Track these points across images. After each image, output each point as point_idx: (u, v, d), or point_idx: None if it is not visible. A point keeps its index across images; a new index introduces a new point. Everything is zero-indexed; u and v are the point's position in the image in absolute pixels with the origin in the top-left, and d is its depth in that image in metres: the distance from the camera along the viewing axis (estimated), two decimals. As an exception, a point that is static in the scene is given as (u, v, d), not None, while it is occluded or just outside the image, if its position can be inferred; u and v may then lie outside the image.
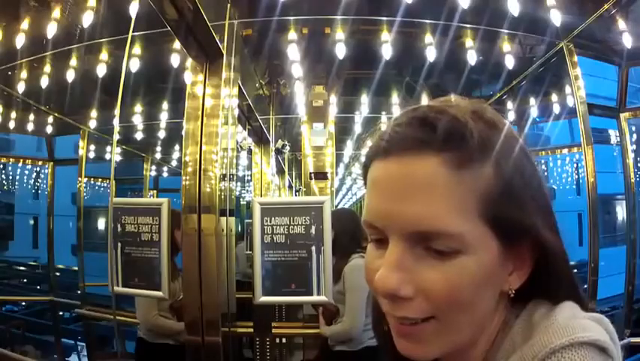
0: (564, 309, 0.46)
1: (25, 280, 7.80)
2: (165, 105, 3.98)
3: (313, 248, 1.98)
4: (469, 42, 2.83)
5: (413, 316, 0.45)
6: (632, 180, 3.49)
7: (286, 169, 5.51)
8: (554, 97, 3.70)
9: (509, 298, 0.50)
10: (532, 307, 0.49)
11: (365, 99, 4.05)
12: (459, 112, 0.47)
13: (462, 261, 0.44)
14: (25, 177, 7.32)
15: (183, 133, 2.00)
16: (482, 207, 0.45)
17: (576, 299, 0.49)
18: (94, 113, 3.96)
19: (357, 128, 4.79)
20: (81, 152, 4.13)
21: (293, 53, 2.85)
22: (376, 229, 0.48)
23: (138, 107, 3.98)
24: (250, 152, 4.05)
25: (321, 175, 4.12)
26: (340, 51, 2.73)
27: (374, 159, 0.50)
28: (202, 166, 1.92)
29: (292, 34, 2.75)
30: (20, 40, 2.51)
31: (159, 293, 1.91)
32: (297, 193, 6.49)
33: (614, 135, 4.11)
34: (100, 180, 5.00)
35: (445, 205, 0.44)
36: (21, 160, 5.44)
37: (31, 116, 4.05)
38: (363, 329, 2.29)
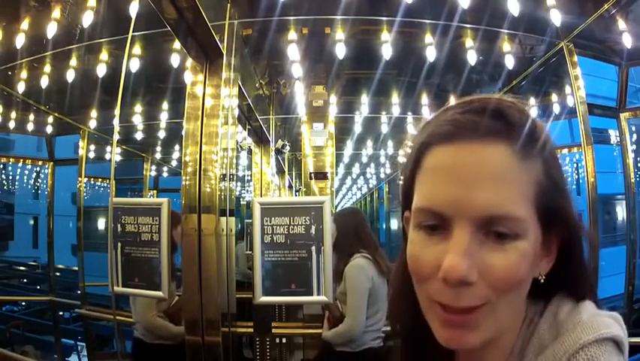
0: (586, 308, 0.50)
1: (25, 280, 7.80)
2: (165, 105, 3.98)
3: (313, 248, 1.98)
4: (469, 42, 2.83)
5: (474, 304, 0.46)
6: (632, 180, 3.49)
7: (286, 169, 5.51)
8: (554, 97, 3.70)
9: (530, 293, 0.52)
10: (556, 305, 0.51)
11: (365, 99, 4.05)
12: (525, 108, 0.51)
13: (519, 244, 0.46)
14: (25, 177, 7.33)
15: (183, 133, 2.00)
16: (535, 196, 0.48)
17: (593, 295, 0.52)
18: (94, 113, 3.96)
19: (357, 128, 4.79)
20: (81, 152, 4.13)
21: (293, 53, 2.85)
22: (437, 215, 0.48)
23: (138, 107, 3.98)
24: (250, 152, 4.05)
25: (321, 175, 4.12)
26: (340, 51, 2.73)
27: (436, 144, 0.49)
28: (202, 166, 1.92)
29: (292, 34, 2.75)
30: (20, 40, 2.51)
31: (159, 293, 1.91)
32: (297, 193, 6.49)
33: (614, 135, 4.11)
34: (100, 180, 5.00)
35: (514, 192, 0.47)
36: (21, 160, 5.45)
37: (31, 116, 4.05)
38: (365, 330, 2.27)
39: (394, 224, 9.75)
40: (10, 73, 3.08)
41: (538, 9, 2.48)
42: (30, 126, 4.17)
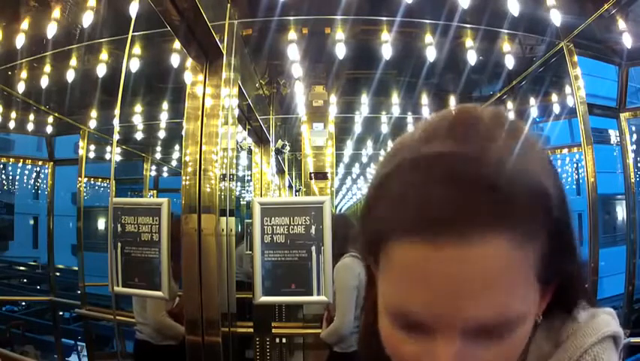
0: (582, 310, 0.48)
1: (25, 280, 7.80)
2: (165, 105, 3.98)
3: (313, 248, 1.98)
4: (469, 42, 2.83)
5: None
6: (632, 180, 3.49)
7: (286, 169, 5.51)
8: (554, 97, 3.70)
9: None
10: (550, 316, 0.48)
11: (365, 99, 4.05)
12: (531, 163, 0.39)
13: (519, 331, 0.39)
14: (25, 177, 7.33)
15: (183, 133, 2.00)
16: (538, 272, 0.39)
17: (586, 294, 0.50)
18: (94, 113, 3.96)
19: (357, 128, 4.79)
20: (81, 152, 4.13)
21: (293, 53, 2.85)
22: (415, 322, 0.39)
23: (138, 107, 3.98)
24: (250, 152, 4.05)
25: (321, 175, 4.12)
26: (340, 51, 2.73)
27: (405, 236, 0.38)
28: (202, 166, 1.92)
29: (292, 34, 2.74)
30: (20, 40, 2.51)
31: (159, 293, 1.91)
32: (297, 193, 6.49)
33: (614, 135, 4.11)
34: (100, 180, 5.00)
35: (518, 292, 0.38)
36: (21, 160, 5.45)
37: (31, 116, 4.05)
38: (353, 331, 2.28)
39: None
40: (10, 73, 3.08)
41: (538, 9, 2.48)
42: (30, 126, 4.17)
